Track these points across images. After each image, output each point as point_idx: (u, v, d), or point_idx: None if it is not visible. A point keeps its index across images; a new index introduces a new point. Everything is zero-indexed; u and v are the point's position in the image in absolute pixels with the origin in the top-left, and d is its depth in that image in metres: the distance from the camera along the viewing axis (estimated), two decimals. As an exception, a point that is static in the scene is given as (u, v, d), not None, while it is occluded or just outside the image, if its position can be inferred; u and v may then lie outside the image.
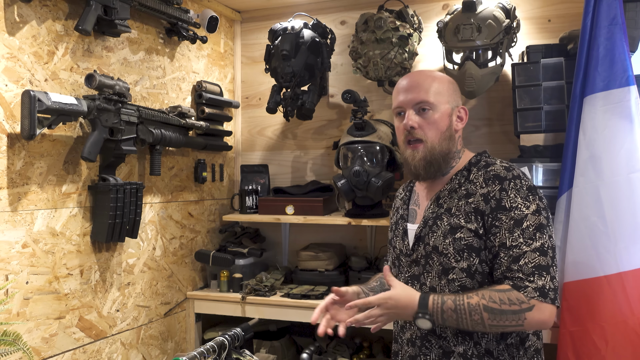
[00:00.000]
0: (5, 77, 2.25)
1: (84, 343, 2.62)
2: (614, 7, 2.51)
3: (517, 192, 1.85)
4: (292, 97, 3.28)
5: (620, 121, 2.48)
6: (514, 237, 1.81)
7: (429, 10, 3.44)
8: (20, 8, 2.31)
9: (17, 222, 2.30)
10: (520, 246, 1.80)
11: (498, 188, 1.87)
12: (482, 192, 1.89)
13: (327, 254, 3.36)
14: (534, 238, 1.80)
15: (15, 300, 2.28)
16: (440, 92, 1.99)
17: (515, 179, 1.88)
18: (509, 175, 1.89)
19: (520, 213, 1.82)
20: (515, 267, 1.79)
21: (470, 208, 1.90)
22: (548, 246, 1.80)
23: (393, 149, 3.13)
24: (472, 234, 1.88)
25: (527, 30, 3.22)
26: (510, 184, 1.87)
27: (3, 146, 2.24)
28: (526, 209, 1.82)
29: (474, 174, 1.96)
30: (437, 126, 1.97)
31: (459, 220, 1.91)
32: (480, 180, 1.92)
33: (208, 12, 3.30)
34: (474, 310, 1.77)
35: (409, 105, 1.97)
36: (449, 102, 2.00)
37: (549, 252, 1.80)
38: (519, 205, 1.83)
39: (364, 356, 3.32)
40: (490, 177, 1.91)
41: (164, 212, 3.16)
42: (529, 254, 1.79)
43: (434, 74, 2.05)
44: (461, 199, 1.93)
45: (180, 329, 3.31)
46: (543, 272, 1.77)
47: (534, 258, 1.78)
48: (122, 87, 2.64)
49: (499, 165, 1.94)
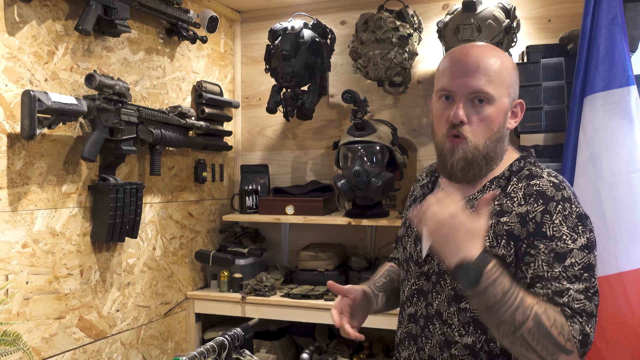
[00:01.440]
0: (5, 77, 2.25)
1: (84, 343, 2.62)
2: (614, 7, 2.51)
3: (565, 219, 1.50)
4: (292, 97, 3.28)
5: (620, 121, 2.49)
6: (554, 273, 1.46)
7: (429, 10, 3.45)
8: (20, 8, 2.31)
9: (17, 222, 2.30)
10: (561, 281, 1.45)
11: (541, 209, 1.52)
12: (520, 212, 1.54)
13: (327, 254, 3.36)
14: (580, 279, 1.45)
15: (15, 300, 2.28)
16: (503, 82, 1.61)
17: (565, 202, 1.52)
18: (558, 195, 1.53)
19: (564, 246, 1.47)
20: (560, 301, 1.44)
21: (501, 230, 1.55)
22: (594, 292, 1.46)
23: (393, 149, 3.13)
24: (499, 261, 1.44)
25: (527, 30, 3.22)
26: (558, 207, 1.51)
27: (3, 146, 2.24)
28: (572, 243, 1.48)
29: (513, 185, 1.61)
30: (489, 124, 1.61)
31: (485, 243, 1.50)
32: (519, 195, 1.57)
33: (208, 12, 3.31)
34: (523, 310, 1.38)
35: (462, 93, 1.60)
36: (510, 94, 1.63)
37: (594, 300, 1.45)
38: (563, 236, 1.48)
39: (364, 356, 3.33)
40: (532, 193, 1.55)
41: (164, 212, 3.17)
42: (573, 294, 1.44)
43: (499, 53, 1.65)
44: (492, 216, 1.57)
45: (180, 329, 3.31)
46: (588, 319, 1.43)
47: (579, 299, 1.43)
48: (122, 87, 2.64)
49: (547, 179, 1.57)
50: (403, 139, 3.44)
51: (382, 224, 3.17)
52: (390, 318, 2.91)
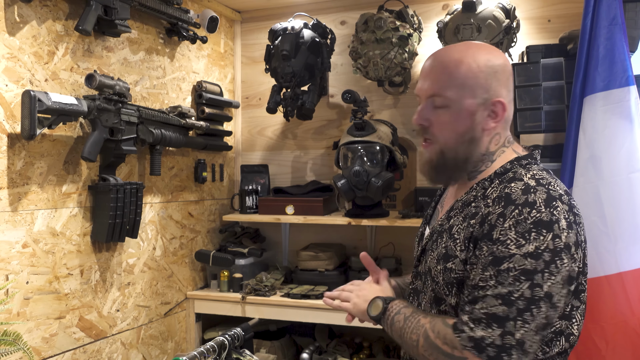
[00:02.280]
0: (5, 77, 2.25)
1: (84, 343, 2.62)
2: (613, 7, 2.52)
3: (516, 223, 1.43)
4: (292, 97, 3.29)
5: (620, 121, 2.49)
6: (484, 277, 1.45)
7: (428, 10, 3.45)
8: (21, 8, 2.31)
9: (17, 222, 2.30)
10: (485, 289, 1.44)
11: (499, 212, 1.47)
12: (484, 213, 1.51)
13: (327, 254, 3.36)
14: (504, 283, 1.41)
15: (15, 300, 2.28)
16: (465, 84, 1.57)
17: (525, 207, 1.44)
18: (521, 199, 1.46)
19: (504, 250, 1.43)
20: (467, 309, 1.46)
21: (468, 233, 1.53)
22: (521, 297, 1.40)
23: (393, 149, 3.14)
24: (463, 266, 1.53)
25: (527, 30, 3.22)
26: (514, 211, 1.45)
27: (3, 146, 2.24)
28: (516, 248, 1.42)
29: (494, 188, 1.56)
30: (452, 127, 1.60)
31: (455, 247, 1.56)
32: (492, 197, 1.53)
33: (208, 12, 3.31)
34: (416, 329, 1.54)
35: (423, 96, 1.64)
36: (476, 95, 1.57)
37: (517, 304, 1.40)
38: (507, 240, 1.43)
39: (364, 356, 3.33)
40: (501, 196, 1.50)
41: (164, 212, 3.17)
42: (489, 298, 1.42)
43: (466, 54, 1.60)
44: (467, 218, 1.56)
45: (180, 329, 3.31)
46: (494, 323, 1.40)
47: (491, 305, 1.42)
48: (122, 87, 2.64)
49: (522, 182, 1.51)
50: (403, 139, 3.45)
51: (382, 224, 3.17)
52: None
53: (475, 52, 1.60)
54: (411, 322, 1.57)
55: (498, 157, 1.63)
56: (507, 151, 1.64)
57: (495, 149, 1.63)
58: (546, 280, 1.40)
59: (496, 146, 1.63)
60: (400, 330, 1.59)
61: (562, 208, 1.46)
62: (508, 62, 1.63)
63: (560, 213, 1.45)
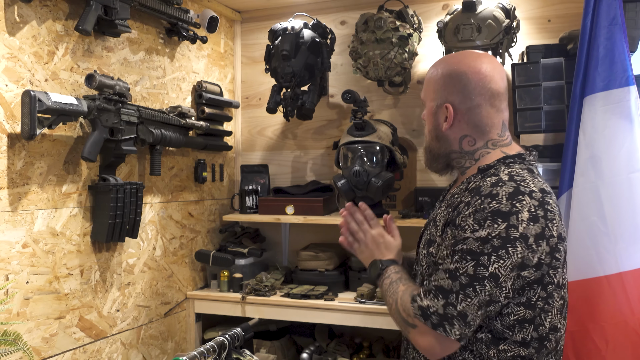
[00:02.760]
0: (5, 77, 2.25)
1: (84, 343, 2.63)
2: (613, 7, 2.52)
3: (476, 212, 1.62)
4: (292, 97, 3.29)
5: (620, 121, 2.50)
6: (442, 255, 1.68)
7: (428, 10, 3.46)
8: (21, 8, 2.32)
9: (17, 222, 2.31)
10: (440, 265, 1.66)
11: (466, 201, 1.68)
12: (458, 202, 1.73)
13: (327, 254, 3.37)
14: (452, 260, 1.62)
15: (15, 300, 2.29)
16: (428, 87, 1.89)
17: (488, 197, 1.63)
18: (487, 191, 1.65)
19: (462, 234, 1.63)
20: (425, 282, 1.72)
21: (445, 220, 1.76)
22: (464, 273, 1.59)
23: (393, 149, 3.15)
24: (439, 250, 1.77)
25: (526, 30, 3.23)
26: (477, 201, 1.64)
27: (3, 146, 2.24)
28: (471, 232, 1.61)
29: (476, 182, 1.74)
30: (427, 123, 1.91)
31: (435, 233, 1.79)
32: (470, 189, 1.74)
33: (208, 12, 3.32)
34: (393, 295, 1.77)
35: None
36: (435, 98, 1.84)
37: (460, 279, 1.59)
38: (465, 226, 1.63)
39: (364, 356, 3.34)
40: (474, 187, 1.71)
41: (164, 212, 3.18)
42: (439, 272, 1.64)
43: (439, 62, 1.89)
44: (448, 207, 1.78)
45: (180, 329, 3.32)
46: (439, 294, 1.60)
47: (440, 278, 1.62)
48: (122, 87, 2.65)
49: (497, 177, 1.70)
50: (403, 139, 3.46)
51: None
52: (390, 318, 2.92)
53: (446, 61, 1.88)
54: (393, 287, 1.79)
55: (482, 156, 1.82)
56: (493, 152, 1.81)
57: (471, 149, 1.83)
58: (493, 262, 1.58)
59: (471, 147, 1.83)
60: (384, 293, 1.83)
61: (529, 202, 1.62)
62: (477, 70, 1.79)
63: (524, 206, 1.61)
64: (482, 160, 1.81)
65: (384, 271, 1.87)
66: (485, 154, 1.82)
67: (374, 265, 1.92)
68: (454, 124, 1.81)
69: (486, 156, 1.81)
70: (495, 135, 1.81)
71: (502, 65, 1.86)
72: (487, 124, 1.80)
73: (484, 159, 1.81)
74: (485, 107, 1.79)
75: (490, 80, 1.78)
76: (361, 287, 3.13)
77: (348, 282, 3.35)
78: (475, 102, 1.78)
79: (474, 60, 1.81)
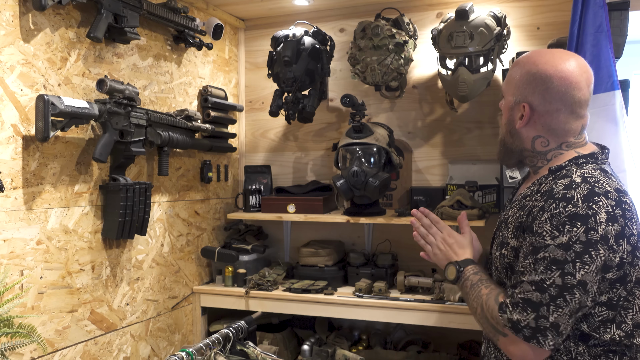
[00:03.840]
0: (20, 82, 2.29)
1: (95, 335, 2.67)
2: (599, 15, 2.55)
3: (552, 217, 1.57)
4: (293, 101, 3.30)
5: (606, 124, 2.53)
6: (525, 264, 1.62)
7: (423, 18, 3.47)
8: (35, 16, 2.35)
9: (31, 220, 2.35)
10: (524, 274, 1.61)
11: (540, 206, 1.62)
12: (531, 206, 1.67)
13: (327, 251, 3.38)
14: (537, 270, 1.57)
15: (30, 295, 2.33)
16: (510, 81, 1.80)
17: (563, 201, 1.57)
18: (560, 194, 1.59)
19: (541, 241, 1.58)
20: (509, 292, 1.64)
21: (517, 222, 1.71)
22: (552, 284, 1.54)
23: (389, 150, 3.16)
24: (513, 253, 1.73)
25: (517, 37, 3.25)
26: (552, 205, 1.59)
27: (18, 148, 2.28)
28: (551, 239, 1.56)
29: (547, 184, 1.69)
30: (503, 115, 1.84)
31: (508, 234, 1.76)
32: (542, 192, 1.68)
33: (213, 20, 3.34)
34: (477, 299, 1.73)
35: None
36: (514, 94, 1.77)
37: (549, 290, 1.54)
38: (543, 233, 1.58)
39: (362, 348, 3.36)
40: (547, 191, 1.65)
41: (172, 211, 3.20)
42: (525, 284, 1.59)
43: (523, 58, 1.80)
44: (520, 209, 1.73)
45: (187, 322, 3.34)
46: (528, 307, 1.56)
47: (527, 291, 1.57)
48: (132, 92, 2.68)
49: (569, 179, 1.63)
50: (399, 141, 3.46)
51: (379, 222, 3.20)
52: (387, 311, 3.01)
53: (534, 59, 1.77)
54: (475, 290, 1.76)
55: (554, 157, 1.77)
56: (566, 153, 1.75)
57: (544, 150, 1.78)
58: (579, 269, 1.53)
59: (544, 148, 1.77)
60: (466, 296, 1.80)
61: (606, 203, 1.56)
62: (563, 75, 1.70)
63: (601, 208, 1.55)
64: (554, 161, 1.76)
65: (461, 273, 1.83)
66: (558, 155, 1.76)
67: (449, 269, 1.87)
68: (529, 123, 1.75)
69: (559, 157, 1.76)
70: (571, 138, 1.75)
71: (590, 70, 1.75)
72: (563, 129, 1.73)
73: (556, 159, 1.76)
74: (564, 113, 1.71)
75: (575, 86, 1.70)
76: (359, 282, 3.15)
77: (347, 277, 3.36)
78: (554, 107, 1.71)
79: (562, 63, 1.71)
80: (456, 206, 2.98)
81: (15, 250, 2.29)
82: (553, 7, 3.22)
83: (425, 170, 3.51)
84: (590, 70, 1.75)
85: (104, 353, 2.73)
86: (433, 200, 3.24)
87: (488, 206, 3.11)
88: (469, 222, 1.99)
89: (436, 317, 2.93)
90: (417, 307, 2.97)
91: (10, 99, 2.27)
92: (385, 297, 3.05)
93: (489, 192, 3.17)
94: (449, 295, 2.93)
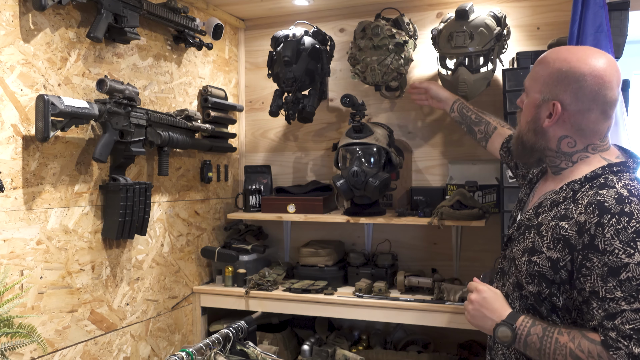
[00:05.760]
0: (20, 82, 2.29)
1: (95, 335, 2.67)
2: (599, 15, 2.55)
3: (617, 233, 1.49)
4: (293, 101, 3.30)
5: (606, 124, 2.55)
6: (609, 288, 1.49)
7: (423, 18, 3.48)
8: (35, 16, 2.36)
9: (31, 220, 2.35)
10: (618, 301, 1.47)
11: (595, 221, 1.53)
12: (579, 220, 1.57)
13: (327, 251, 3.38)
14: (636, 296, 1.45)
15: (30, 295, 2.33)
16: (536, 78, 1.74)
17: (622, 216, 1.50)
18: (617, 208, 1.51)
19: (617, 260, 1.48)
20: (609, 325, 1.48)
21: (559, 234, 1.60)
22: None
23: (389, 150, 3.17)
24: (550, 264, 1.62)
25: (517, 37, 3.26)
26: (612, 220, 1.50)
27: (18, 148, 2.29)
28: (627, 257, 1.47)
29: (584, 192, 1.62)
30: (525, 113, 1.77)
31: (542, 243, 1.64)
32: (584, 202, 1.59)
33: (213, 20, 3.34)
34: (560, 350, 1.56)
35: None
36: (542, 92, 1.70)
37: None
38: (615, 250, 1.48)
39: (362, 348, 3.37)
40: (593, 202, 1.56)
41: (172, 211, 3.21)
42: (628, 313, 1.46)
43: (552, 55, 1.73)
44: (555, 218, 1.64)
45: (187, 322, 3.35)
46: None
47: (634, 319, 1.45)
48: (132, 92, 2.68)
49: (614, 191, 1.56)
50: (399, 141, 3.47)
51: (379, 222, 3.20)
52: (387, 311, 3.01)
53: (564, 55, 1.70)
54: (549, 342, 1.58)
55: (580, 160, 1.71)
56: (592, 157, 1.70)
57: (570, 151, 1.71)
58: None
59: (570, 149, 1.71)
60: (539, 352, 1.60)
61: None
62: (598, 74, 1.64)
63: None
64: (580, 165, 1.71)
65: (517, 332, 1.65)
66: (584, 158, 1.70)
67: (500, 331, 1.68)
68: (557, 122, 1.69)
69: (585, 160, 1.70)
70: (597, 140, 1.70)
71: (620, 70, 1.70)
72: (592, 130, 1.68)
73: (582, 162, 1.71)
74: (595, 113, 1.66)
75: (608, 86, 1.65)
76: (359, 282, 3.16)
77: (347, 277, 3.38)
78: (586, 106, 1.66)
79: (596, 62, 1.66)
80: (456, 206, 2.98)
81: (15, 250, 2.29)
82: (553, 7, 3.22)
83: (425, 170, 3.52)
84: (619, 70, 1.70)
85: (104, 353, 2.73)
86: (433, 200, 3.23)
87: (488, 206, 3.11)
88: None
89: (436, 317, 2.94)
90: (417, 307, 2.97)
91: (10, 99, 2.28)
92: (385, 297, 3.06)
93: (489, 192, 3.17)
94: (449, 295, 2.94)
